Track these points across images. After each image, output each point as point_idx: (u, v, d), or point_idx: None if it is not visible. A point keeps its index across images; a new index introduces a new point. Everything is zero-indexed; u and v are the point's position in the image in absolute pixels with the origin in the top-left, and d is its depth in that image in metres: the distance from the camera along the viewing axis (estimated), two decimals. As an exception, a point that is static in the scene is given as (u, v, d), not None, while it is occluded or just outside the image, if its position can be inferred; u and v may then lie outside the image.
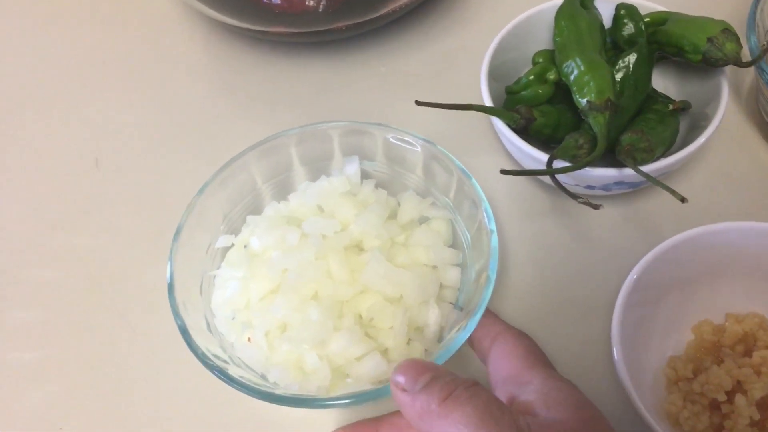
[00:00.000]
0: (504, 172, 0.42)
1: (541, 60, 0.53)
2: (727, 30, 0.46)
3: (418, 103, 0.46)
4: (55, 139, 0.61)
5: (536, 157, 0.47)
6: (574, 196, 0.42)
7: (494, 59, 0.52)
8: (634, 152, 0.44)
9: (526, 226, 0.53)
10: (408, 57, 0.63)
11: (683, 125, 0.51)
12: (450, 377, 0.31)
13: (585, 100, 0.45)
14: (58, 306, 0.52)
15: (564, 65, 0.47)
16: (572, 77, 0.47)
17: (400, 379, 0.31)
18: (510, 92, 0.52)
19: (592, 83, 0.45)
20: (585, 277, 0.50)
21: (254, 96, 0.62)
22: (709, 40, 0.46)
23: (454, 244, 0.49)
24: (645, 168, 0.45)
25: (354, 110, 0.60)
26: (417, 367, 0.31)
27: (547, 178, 0.49)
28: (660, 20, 0.50)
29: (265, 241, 0.46)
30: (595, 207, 0.41)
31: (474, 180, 0.46)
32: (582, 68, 0.46)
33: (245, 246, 0.48)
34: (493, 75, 0.52)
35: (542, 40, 0.55)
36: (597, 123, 0.45)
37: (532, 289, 0.50)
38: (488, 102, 0.50)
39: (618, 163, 0.46)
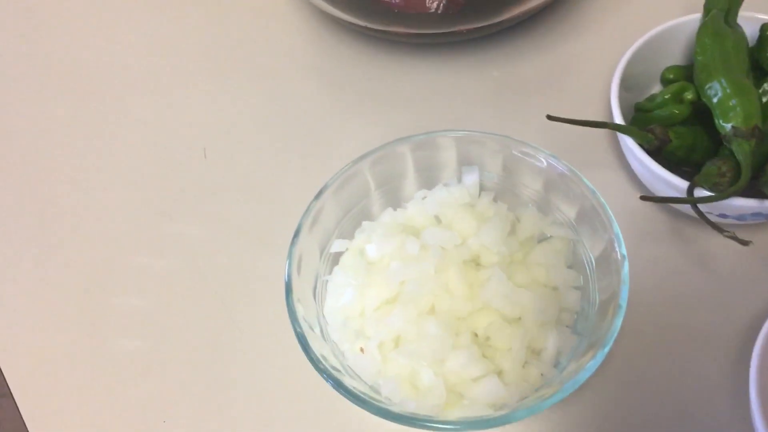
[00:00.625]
0: (644, 198, 0.40)
1: (672, 76, 0.51)
2: None
3: (549, 117, 0.44)
4: (163, 127, 0.61)
5: (671, 182, 0.45)
6: (719, 230, 0.40)
7: (625, 72, 0.50)
8: None
9: (643, 249, 0.50)
10: (523, 62, 0.61)
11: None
12: None
13: (730, 126, 0.43)
14: (164, 295, 0.52)
15: (707, 86, 0.45)
16: (716, 99, 0.44)
17: None
18: (641, 109, 0.50)
19: (738, 108, 0.43)
20: (709, 309, 0.48)
21: (364, 95, 0.61)
22: None
23: (575, 265, 0.47)
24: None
25: (465, 115, 0.59)
26: None
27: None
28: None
29: (382, 249, 0.45)
30: (744, 243, 0.39)
31: (604, 201, 0.44)
32: (728, 91, 0.44)
33: (361, 252, 0.47)
34: (623, 87, 0.50)
35: (674, 55, 0.52)
36: (742, 150, 0.42)
37: (651, 319, 0.48)
38: (618, 118, 0.48)
39: (758, 193, 0.43)
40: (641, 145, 0.46)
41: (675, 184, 0.44)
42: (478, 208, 0.48)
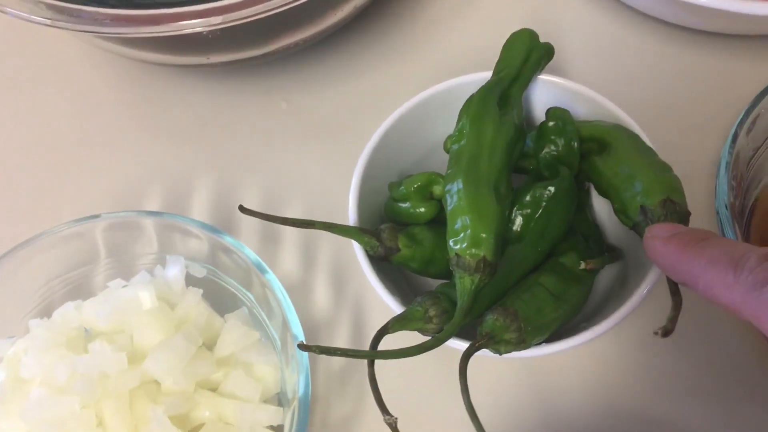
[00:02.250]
0: (302, 347, 0.31)
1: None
2: (670, 201, 0.32)
3: (242, 210, 0.34)
4: None
5: (387, 305, 0.35)
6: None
7: (378, 149, 0.39)
8: (495, 343, 0.32)
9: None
10: (317, 94, 0.50)
11: (614, 271, 0.38)
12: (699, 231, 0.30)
13: (455, 250, 0.33)
14: None
15: (447, 186, 0.35)
16: (449, 208, 0.34)
17: (656, 231, 0.31)
18: (391, 196, 0.39)
19: (468, 230, 0.33)
20: None
21: (129, 126, 0.51)
22: (643, 210, 0.33)
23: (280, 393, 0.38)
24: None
25: (243, 152, 0.49)
26: (671, 225, 0.31)
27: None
28: (602, 139, 0.36)
29: (31, 369, 0.36)
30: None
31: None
32: (462, 203, 0.33)
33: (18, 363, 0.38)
34: (381, 159, 0.39)
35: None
36: (461, 287, 0.32)
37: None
38: (354, 215, 0.38)
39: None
40: (366, 251, 0.36)
41: (391, 307, 0.35)
42: (178, 310, 0.39)
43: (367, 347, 0.32)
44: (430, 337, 0.32)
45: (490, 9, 0.52)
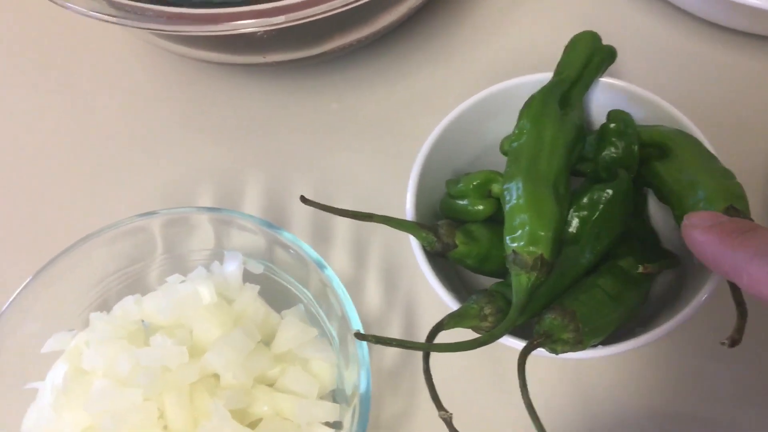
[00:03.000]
0: (359, 336, 0.31)
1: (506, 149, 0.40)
2: (733, 209, 0.32)
3: (303, 200, 0.35)
4: None
5: (443, 300, 0.35)
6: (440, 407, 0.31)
7: (436, 147, 0.40)
8: (552, 343, 0.32)
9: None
10: (368, 94, 0.51)
11: (670, 277, 0.38)
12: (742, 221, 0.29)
13: (512, 247, 0.33)
14: None
15: (506, 186, 0.35)
16: (507, 207, 0.34)
17: (695, 220, 0.30)
18: (448, 193, 0.40)
19: (527, 227, 0.33)
20: None
21: (189, 126, 0.51)
22: (703, 216, 0.33)
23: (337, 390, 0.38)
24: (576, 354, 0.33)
25: (294, 151, 0.49)
26: (710, 213, 0.30)
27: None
28: (663, 144, 0.36)
29: (93, 361, 0.37)
30: None
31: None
32: (521, 201, 0.33)
33: (79, 355, 0.38)
34: (438, 157, 0.40)
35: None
36: (517, 284, 0.32)
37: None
38: (411, 210, 0.38)
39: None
40: (423, 246, 0.36)
41: (447, 303, 0.35)
42: (236, 305, 0.39)
43: (419, 344, 0.32)
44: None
45: (542, 11, 0.52)
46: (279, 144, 0.50)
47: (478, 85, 0.41)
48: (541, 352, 0.33)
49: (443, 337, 0.32)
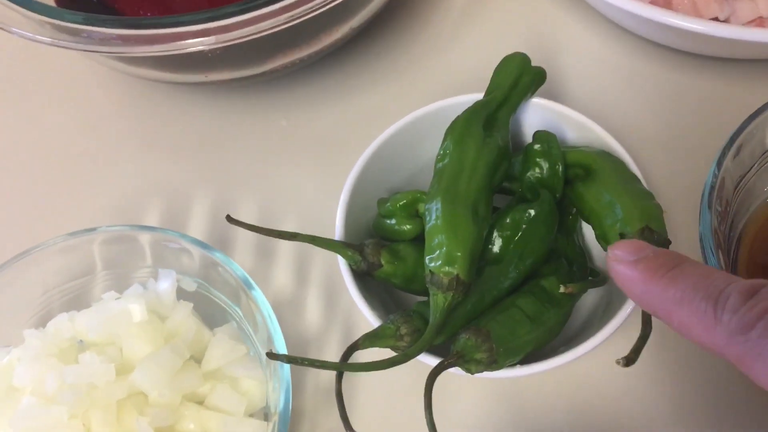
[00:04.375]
0: (271, 356, 0.32)
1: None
2: (648, 230, 0.33)
3: (229, 220, 0.35)
4: None
5: (367, 319, 0.36)
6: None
7: (368, 166, 0.40)
8: (466, 362, 0.32)
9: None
10: (316, 111, 0.51)
11: (599, 295, 0.38)
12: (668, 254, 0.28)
13: (429, 267, 0.33)
14: None
15: (427, 205, 0.35)
16: (427, 227, 0.34)
17: (618, 252, 0.28)
18: (378, 212, 0.40)
19: (444, 247, 0.33)
20: None
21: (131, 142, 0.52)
22: (622, 237, 0.33)
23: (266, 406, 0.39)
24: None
25: (242, 168, 0.50)
26: (636, 244, 0.28)
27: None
28: (587, 165, 0.37)
29: (23, 378, 0.37)
30: None
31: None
32: (439, 221, 0.34)
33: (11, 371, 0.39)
34: (372, 176, 0.40)
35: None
36: (434, 304, 0.33)
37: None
38: (340, 229, 0.38)
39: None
40: (350, 265, 0.37)
41: (372, 323, 0.35)
42: (169, 323, 0.40)
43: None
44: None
45: (487, 32, 0.53)
46: (227, 161, 0.50)
47: (423, 104, 0.42)
48: (459, 371, 0.33)
49: (367, 357, 0.33)
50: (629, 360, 0.29)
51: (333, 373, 0.42)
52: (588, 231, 0.41)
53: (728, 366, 0.40)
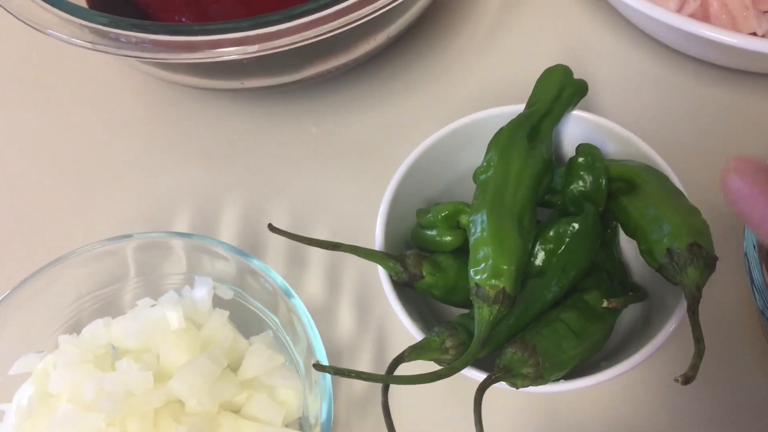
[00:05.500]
0: (318, 367, 0.31)
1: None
2: (696, 246, 0.32)
3: (271, 229, 0.35)
4: None
5: (408, 331, 0.35)
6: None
7: (408, 176, 0.40)
8: (512, 377, 0.32)
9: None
10: (347, 119, 0.51)
11: (638, 311, 0.38)
12: None
13: (475, 280, 0.33)
14: None
15: (471, 217, 0.35)
16: (472, 240, 0.34)
17: (735, 164, 0.26)
18: (418, 223, 0.40)
19: (490, 260, 0.33)
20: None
21: (165, 148, 0.52)
22: (669, 253, 0.33)
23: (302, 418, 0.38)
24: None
25: (273, 175, 0.50)
26: (754, 160, 0.26)
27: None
28: (631, 179, 0.36)
29: (59, 384, 0.37)
30: None
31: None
32: (485, 234, 0.33)
33: (46, 378, 0.38)
34: (410, 186, 0.40)
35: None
36: (479, 317, 0.33)
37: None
38: (380, 239, 0.38)
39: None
40: (390, 276, 0.36)
41: (413, 334, 0.35)
42: (204, 331, 0.39)
43: (388, 374, 0.32)
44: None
45: (522, 42, 0.52)
46: (258, 168, 0.50)
47: (456, 113, 0.42)
48: (502, 385, 0.33)
49: (408, 369, 0.33)
50: (688, 378, 0.28)
51: (367, 384, 0.42)
52: (626, 245, 0.41)
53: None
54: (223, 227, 0.48)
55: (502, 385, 0.33)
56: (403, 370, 0.32)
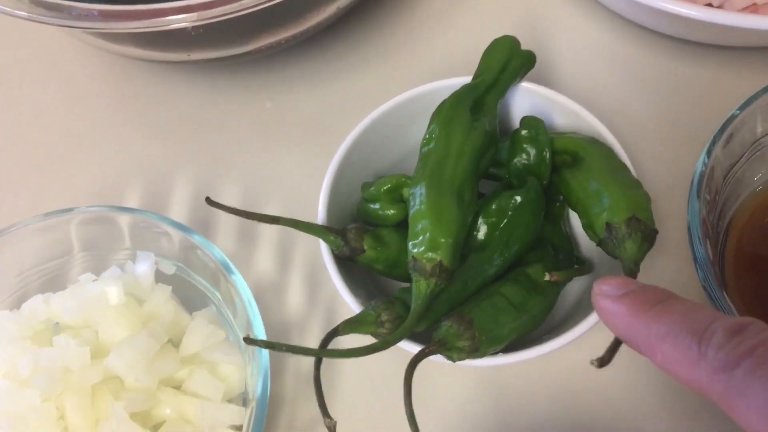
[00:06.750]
0: (248, 341, 0.31)
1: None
2: (635, 220, 0.32)
3: (208, 202, 0.34)
4: None
5: (348, 303, 0.35)
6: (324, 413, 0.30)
7: (353, 150, 0.39)
8: (448, 350, 0.32)
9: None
10: (302, 93, 0.50)
11: (586, 283, 0.38)
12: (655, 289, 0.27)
13: (412, 253, 0.32)
14: None
15: (411, 190, 0.34)
16: (411, 212, 0.34)
17: (604, 287, 0.28)
18: (363, 197, 0.39)
19: (427, 233, 0.32)
20: None
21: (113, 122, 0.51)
22: (608, 227, 0.32)
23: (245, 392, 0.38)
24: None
25: (226, 149, 0.49)
26: (622, 279, 0.28)
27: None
28: (575, 153, 0.36)
29: (-1, 360, 0.37)
30: None
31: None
32: (423, 207, 0.33)
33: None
34: (357, 160, 0.39)
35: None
36: (416, 291, 0.32)
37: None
38: (323, 213, 0.37)
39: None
40: (332, 250, 0.36)
41: (353, 309, 0.35)
42: (147, 307, 0.39)
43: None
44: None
45: (477, 14, 0.52)
46: (211, 142, 0.49)
47: (411, 86, 0.41)
48: (441, 359, 0.33)
49: (350, 343, 0.32)
50: (603, 361, 0.28)
51: (314, 361, 0.42)
52: (575, 219, 0.41)
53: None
54: (175, 203, 0.47)
55: (440, 359, 0.33)
56: (345, 344, 0.32)
